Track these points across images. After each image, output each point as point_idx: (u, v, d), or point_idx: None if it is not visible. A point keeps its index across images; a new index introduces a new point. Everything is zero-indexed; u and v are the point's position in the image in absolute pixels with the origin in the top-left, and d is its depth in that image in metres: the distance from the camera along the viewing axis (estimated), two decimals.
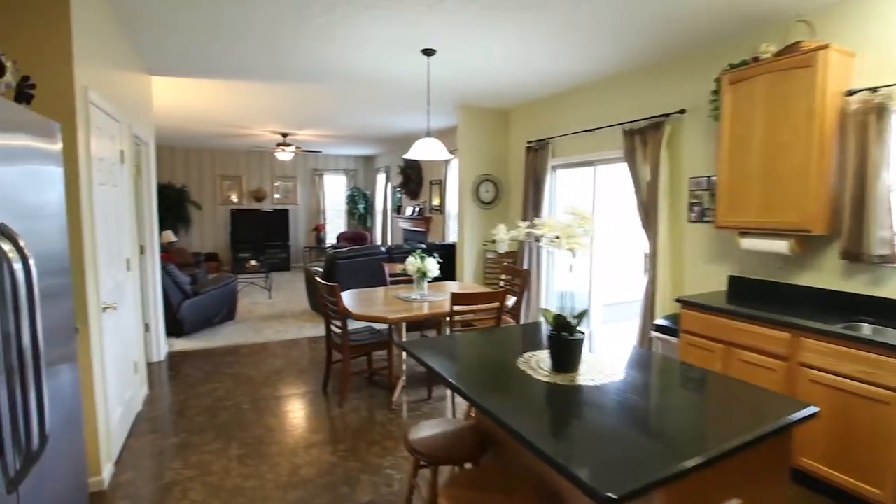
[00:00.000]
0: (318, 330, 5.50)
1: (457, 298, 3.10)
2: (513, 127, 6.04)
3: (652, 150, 3.94)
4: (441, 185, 7.88)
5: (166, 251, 7.60)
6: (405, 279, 4.42)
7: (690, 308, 3.06)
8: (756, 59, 2.89)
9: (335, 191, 11.46)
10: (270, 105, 5.77)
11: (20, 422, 1.20)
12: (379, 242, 10.97)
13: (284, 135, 7.93)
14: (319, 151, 8.45)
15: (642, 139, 4.05)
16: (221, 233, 10.34)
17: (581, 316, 1.77)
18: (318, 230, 10.83)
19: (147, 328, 4.26)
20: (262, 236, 10.22)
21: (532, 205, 5.45)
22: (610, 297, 5.37)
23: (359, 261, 5.71)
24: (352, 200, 11.23)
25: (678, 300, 3.16)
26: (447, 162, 7.49)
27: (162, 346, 4.45)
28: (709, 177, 3.59)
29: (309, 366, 4.34)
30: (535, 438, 1.29)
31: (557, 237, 1.78)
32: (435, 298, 3.73)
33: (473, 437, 1.86)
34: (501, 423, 1.39)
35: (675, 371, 1.86)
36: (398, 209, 9.68)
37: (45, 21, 2.18)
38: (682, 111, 3.74)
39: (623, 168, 4.48)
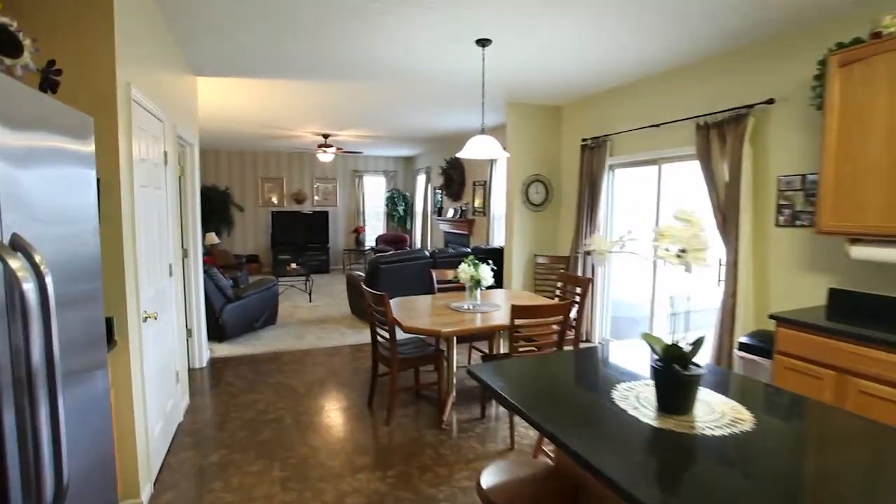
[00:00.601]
0: (359, 337, 5.31)
1: (519, 311, 2.80)
2: (565, 124, 5.68)
3: (732, 145, 3.52)
4: (485, 186, 7.58)
5: (209, 253, 7.62)
6: (454, 287, 4.15)
7: (789, 326, 2.65)
8: (877, 35, 2.45)
9: (374, 192, 11.35)
10: (313, 105, 5.63)
11: (31, 470, 0.99)
12: (419, 245, 10.78)
13: (326, 136, 7.83)
14: (360, 153, 8.32)
15: (720, 134, 3.63)
16: (262, 235, 10.39)
17: (698, 344, 1.44)
18: (358, 232, 10.73)
19: (189, 333, 4.16)
20: (302, 238, 10.20)
21: (588, 207, 5.08)
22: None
23: (403, 266, 5.49)
24: (391, 202, 11.09)
25: (772, 317, 2.74)
26: (493, 162, 7.19)
27: (204, 352, 4.34)
28: (803, 175, 3.15)
29: (352, 376, 4.13)
30: None
31: (683, 251, 1.44)
32: (488, 309, 3.44)
33: (558, 485, 1.56)
34: (616, 486, 1.08)
35: (817, 417, 1.49)
36: (439, 211, 9.45)
37: (87, 9, 2.03)
38: (769, 101, 3.30)
39: (693, 167, 4.06)
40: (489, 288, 4.22)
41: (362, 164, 11.04)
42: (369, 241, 11.04)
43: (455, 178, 8.60)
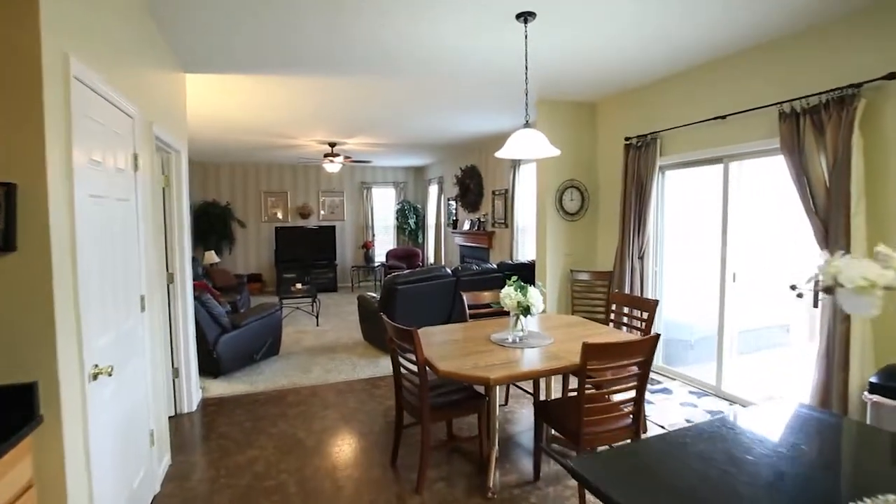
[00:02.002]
0: (374, 368, 4.63)
1: (594, 351, 2.13)
2: (601, 122, 5.04)
3: (833, 134, 2.86)
4: (507, 194, 6.94)
5: (207, 274, 7.01)
6: (489, 312, 3.48)
7: None
8: None
9: (384, 205, 10.75)
10: (319, 107, 5.04)
11: None
12: (431, 260, 10.13)
13: (332, 145, 7.24)
14: (369, 162, 7.74)
15: (814, 121, 2.98)
16: (265, 252, 9.78)
17: None
18: (367, 248, 10.11)
19: (177, 373, 3.51)
20: (308, 255, 9.59)
21: (635, 214, 4.41)
22: (745, 322, 4.22)
23: (422, 286, 4.83)
24: (402, 215, 10.47)
25: None
26: (515, 168, 6.56)
27: (194, 393, 3.68)
28: None
29: (370, 422, 3.45)
30: None
31: None
32: (540, 342, 2.77)
33: None
34: None
35: None
36: (454, 224, 8.82)
37: None
38: (890, 76, 2.65)
39: (773, 164, 3.41)
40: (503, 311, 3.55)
41: (370, 176, 10.45)
42: (379, 257, 10.42)
43: (472, 187, 7.98)
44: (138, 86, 2.51)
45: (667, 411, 3.53)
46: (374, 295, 5.47)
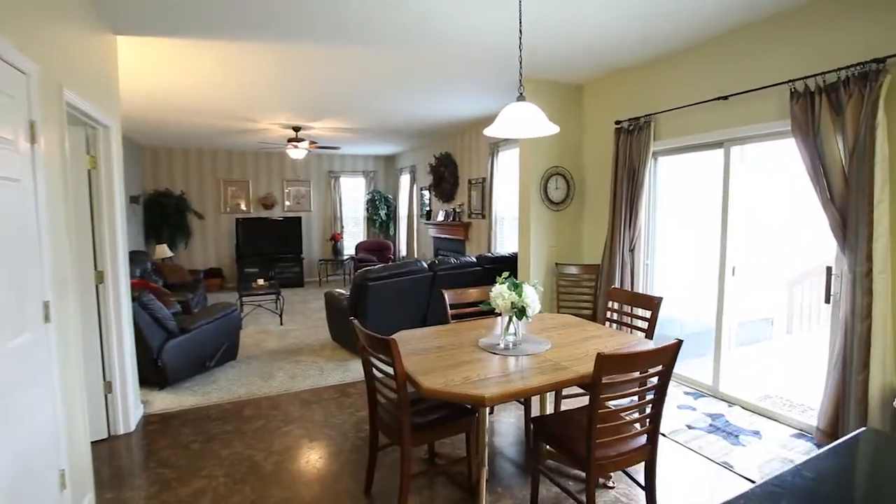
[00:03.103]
0: (344, 373, 4.20)
1: (611, 363, 1.77)
2: (589, 105, 4.71)
3: (853, 114, 2.59)
4: (484, 183, 6.57)
5: (158, 269, 6.37)
6: (474, 312, 3.11)
7: None
8: None
9: (353, 196, 10.21)
10: (281, 84, 4.51)
11: None
12: (403, 253, 9.70)
13: (297, 129, 6.69)
14: (338, 148, 7.21)
15: (832, 100, 2.71)
16: (226, 245, 9.12)
17: None
18: (335, 240, 9.57)
19: (109, 388, 2.99)
20: (272, 248, 8.99)
21: (626, 203, 4.11)
22: (743, 314, 4.01)
23: (396, 282, 4.41)
24: (372, 206, 9.97)
25: None
26: (494, 154, 6.18)
27: (132, 410, 3.16)
28: None
29: (339, 438, 3.03)
30: None
31: None
32: (536, 348, 2.41)
33: None
34: None
35: None
36: (427, 215, 8.40)
37: None
38: None
39: (781, 147, 3.15)
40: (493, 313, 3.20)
41: (339, 164, 9.89)
42: (348, 250, 9.90)
43: (447, 176, 7.57)
44: (41, 39, 1.99)
45: (664, 415, 3.24)
46: (342, 291, 5.02)
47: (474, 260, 5.00)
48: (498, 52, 3.72)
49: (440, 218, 7.85)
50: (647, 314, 2.90)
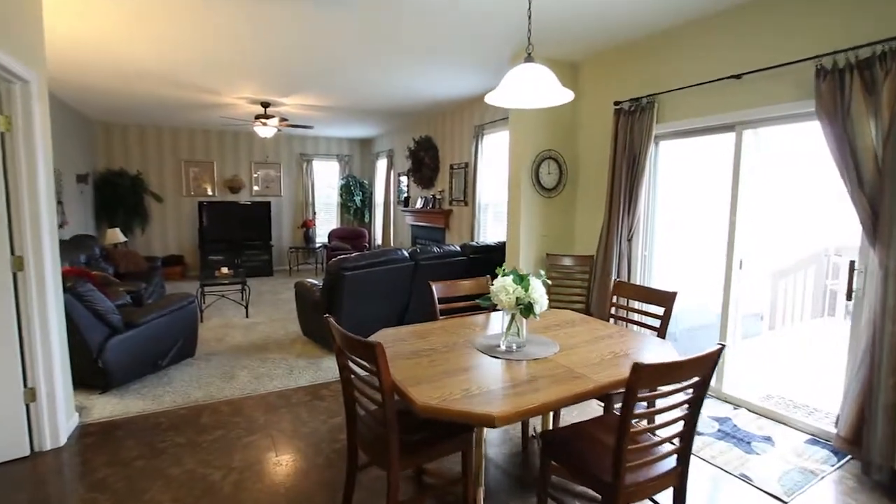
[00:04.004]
0: (316, 372, 3.80)
1: (647, 374, 1.45)
2: (585, 85, 4.39)
3: (891, 94, 2.34)
4: (467, 168, 6.20)
5: (109, 256, 5.78)
6: (465, 307, 2.76)
7: None
8: None
9: (326, 181, 9.69)
10: (248, 49, 4.01)
11: None
12: (379, 241, 9.26)
13: (265, 105, 6.15)
14: (311, 127, 6.70)
15: (865, 79, 2.45)
16: (188, 231, 8.50)
17: None
18: (307, 227, 9.05)
19: (32, 395, 2.52)
20: (239, 234, 8.42)
21: (625, 191, 3.82)
22: (748, 306, 3.80)
23: (374, 272, 4.02)
24: (347, 191, 9.47)
25: None
26: (478, 138, 5.82)
27: (62, 422, 2.69)
28: None
29: (311, 451, 2.65)
30: None
31: None
32: (543, 350, 2.09)
33: None
34: None
35: None
36: (405, 201, 7.98)
37: None
38: None
39: (801, 130, 2.90)
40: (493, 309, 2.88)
41: (311, 147, 9.34)
42: (321, 238, 9.40)
43: (427, 161, 7.17)
44: None
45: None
46: (314, 281, 4.59)
47: (458, 249, 4.65)
48: (489, 25, 3.34)
49: (418, 205, 7.46)
50: (657, 310, 2.62)
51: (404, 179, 8.19)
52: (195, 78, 4.97)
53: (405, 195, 8.10)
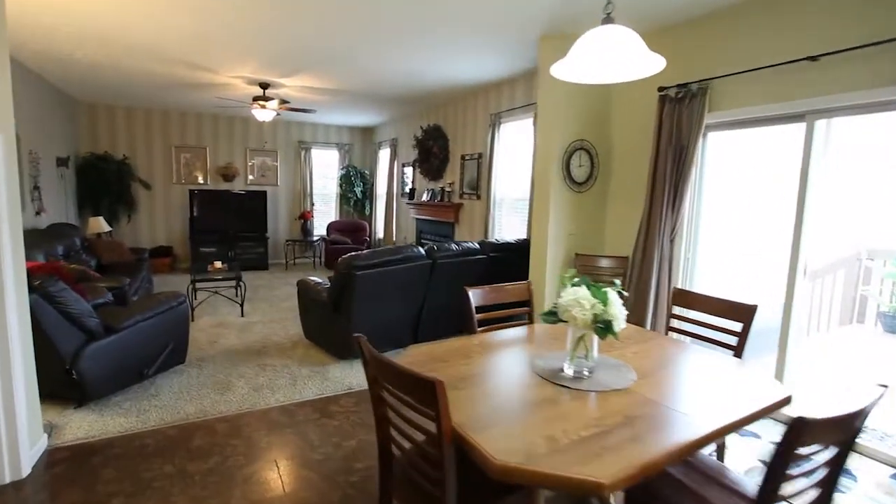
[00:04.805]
0: (323, 382, 3.39)
1: (811, 431, 1.07)
2: None
3: None
4: (481, 160, 5.80)
5: (90, 246, 5.31)
6: (499, 316, 2.37)
7: None
8: None
9: (325, 170, 9.22)
10: (248, 20, 3.55)
11: None
12: (380, 234, 8.84)
13: (264, 86, 5.68)
14: (313, 111, 6.23)
15: None
16: (178, 220, 8.00)
17: None
18: (305, 219, 8.60)
19: None
20: (232, 225, 7.94)
21: (670, 186, 3.45)
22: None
23: (389, 271, 3.61)
24: (347, 181, 9.02)
25: None
26: (495, 126, 5.40)
27: (24, 448, 2.25)
28: None
29: (324, 484, 2.26)
30: None
31: None
32: (619, 380, 1.70)
33: None
34: None
35: None
36: (411, 194, 7.56)
37: None
38: None
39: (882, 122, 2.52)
40: (523, 322, 2.51)
41: (310, 134, 8.87)
42: (319, 230, 8.95)
43: (436, 151, 6.74)
44: None
45: (728, 446, 2.64)
46: (317, 279, 4.17)
47: (477, 247, 4.25)
48: (507, 7, 2.93)
49: (425, 197, 7.04)
50: (730, 323, 2.26)
51: (409, 170, 7.76)
52: (189, 53, 4.50)
53: (410, 187, 7.67)
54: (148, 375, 3.20)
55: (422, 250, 3.85)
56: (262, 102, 5.65)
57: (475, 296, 2.32)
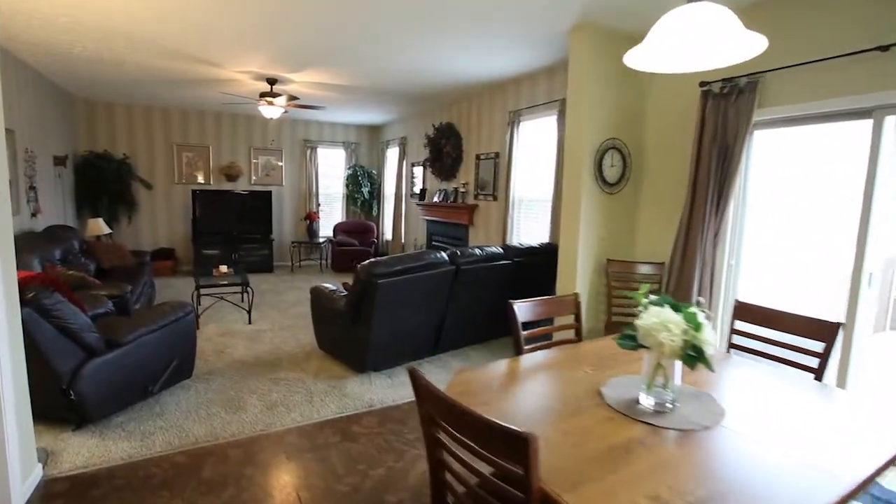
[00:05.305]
0: (341, 398, 3.14)
1: None
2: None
3: None
4: (498, 159, 5.56)
5: (89, 250, 5.06)
6: (539, 333, 2.13)
7: None
8: None
9: (331, 170, 8.96)
10: (255, 11, 3.30)
11: None
12: (389, 236, 8.59)
13: (272, 81, 5.43)
14: (322, 108, 5.97)
15: None
16: (180, 221, 7.75)
17: None
18: (311, 219, 8.34)
19: None
20: (236, 227, 7.69)
21: (713, 188, 3.21)
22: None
23: (412, 279, 3.36)
24: (353, 181, 8.77)
25: None
26: (514, 124, 5.16)
27: (15, 484, 2.00)
28: None
29: None
30: None
31: None
32: (706, 415, 1.46)
33: None
34: None
35: None
36: (421, 194, 7.31)
37: None
38: None
39: None
40: (569, 340, 2.27)
41: (316, 133, 8.61)
42: (325, 230, 8.70)
43: (448, 150, 6.49)
44: None
45: None
46: (331, 286, 3.93)
47: (501, 251, 4.01)
48: None
49: (437, 198, 6.79)
50: (807, 342, 2.02)
51: (419, 170, 7.51)
52: (194, 47, 4.25)
53: (420, 187, 7.42)
54: (153, 392, 2.95)
55: (445, 255, 3.60)
56: (269, 99, 5.40)
57: (521, 310, 2.07)
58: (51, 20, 3.64)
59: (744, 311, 2.27)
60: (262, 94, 5.40)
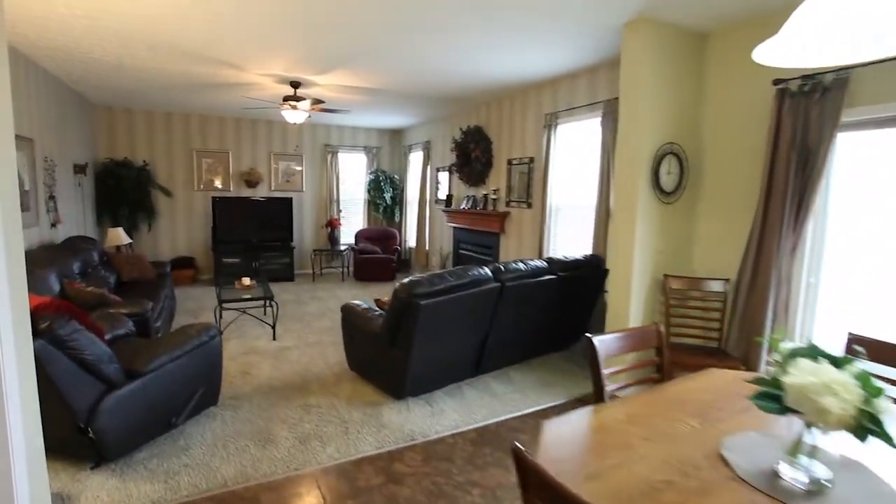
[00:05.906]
0: (379, 428, 2.87)
1: None
2: (716, 61, 3.43)
3: None
4: (532, 164, 5.26)
5: (109, 262, 4.87)
6: (622, 370, 1.83)
7: None
8: None
9: (352, 177, 8.73)
10: (283, 11, 3.06)
11: None
12: (412, 244, 8.33)
13: (296, 85, 5.21)
14: (348, 111, 5.74)
15: None
16: (200, 229, 7.58)
17: None
18: (332, 227, 8.12)
19: None
20: (256, 234, 7.50)
21: (792, 196, 2.88)
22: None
23: (455, 298, 3.08)
24: (375, 187, 8.53)
25: None
26: (551, 128, 4.86)
27: None
28: None
29: None
30: None
31: None
32: (873, 495, 1.15)
33: None
34: None
35: None
36: (448, 200, 7.04)
37: None
38: None
39: None
40: (651, 378, 1.96)
41: (336, 137, 8.40)
42: (346, 237, 8.47)
43: (477, 155, 6.21)
44: None
45: None
46: (362, 304, 3.67)
47: (546, 265, 3.71)
48: None
49: (465, 205, 6.51)
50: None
51: (444, 175, 7.24)
52: (216, 49, 4.03)
53: (446, 193, 7.15)
54: (176, 424, 2.71)
55: (488, 271, 3.31)
56: (292, 103, 5.18)
57: (603, 346, 1.77)
58: (70, 24, 3.45)
59: (861, 346, 1.94)
60: (286, 98, 5.19)
